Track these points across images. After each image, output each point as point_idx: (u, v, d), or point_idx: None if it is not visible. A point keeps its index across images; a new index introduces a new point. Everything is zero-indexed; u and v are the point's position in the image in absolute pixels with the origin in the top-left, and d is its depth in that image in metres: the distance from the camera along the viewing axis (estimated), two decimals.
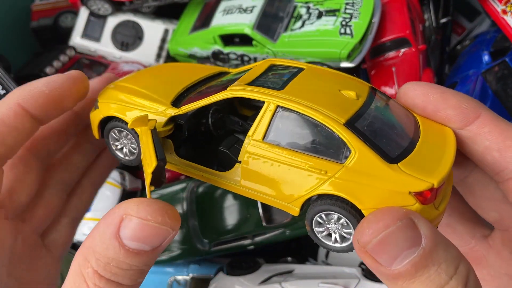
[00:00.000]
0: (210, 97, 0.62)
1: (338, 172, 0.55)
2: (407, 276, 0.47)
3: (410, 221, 0.49)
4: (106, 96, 0.69)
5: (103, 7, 1.38)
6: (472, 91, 1.16)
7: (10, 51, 1.34)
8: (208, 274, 1.22)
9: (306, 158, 0.56)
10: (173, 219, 0.51)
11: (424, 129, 0.60)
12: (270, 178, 0.59)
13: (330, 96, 0.59)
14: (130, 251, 0.50)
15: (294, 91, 0.58)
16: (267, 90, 0.59)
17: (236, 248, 1.20)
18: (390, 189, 0.53)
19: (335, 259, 1.24)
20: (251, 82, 0.62)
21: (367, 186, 0.53)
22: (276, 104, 0.57)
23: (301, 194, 0.58)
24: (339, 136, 0.55)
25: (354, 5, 1.18)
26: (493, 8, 1.21)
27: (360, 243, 0.50)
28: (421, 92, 0.62)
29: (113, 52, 1.43)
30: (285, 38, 1.19)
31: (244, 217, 1.18)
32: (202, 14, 1.36)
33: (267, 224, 1.17)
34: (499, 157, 0.58)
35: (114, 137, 0.69)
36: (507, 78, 1.13)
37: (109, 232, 0.51)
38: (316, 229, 0.60)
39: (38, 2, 1.54)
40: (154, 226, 0.50)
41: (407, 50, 1.21)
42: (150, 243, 0.51)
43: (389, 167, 0.53)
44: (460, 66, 1.30)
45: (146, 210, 0.51)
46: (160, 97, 0.66)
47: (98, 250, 0.51)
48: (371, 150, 0.54)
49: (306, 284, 1.02)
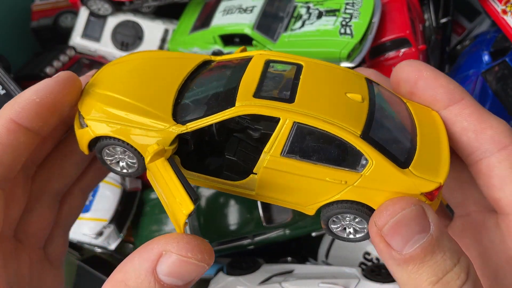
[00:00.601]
0: (218, 115, 0.59)
1: (356, 181, 0.58)
2: (417, 260, 0.51)
3: (421, 208, 0.54)
4: (90, 111, 0.63)
5: (103, 7, 1.38)
6: (472, 91, 1.16)
7: (10, 51, 1.34)
8: (208, 274, 1.22)
9: (324, 169, 0.58)
10: (209, 256, 0.53)
11: (417, 119, 0.63)
12: (287, 188, 0.60)
13: (340, 104, 0.60)
14: (165, 286, 0.51)
15: (305, 102, 0.59)
16: (279, 104, 0.58)
17: (236, 248, 1.20)
18: (404, 192, 0.57)
19: (335, 259, 1.24)
20: (256, 92, 0.60)
21: (383, 191, 0.57)
22: (292, 120, 0.58)
23: (320, 200, 0.61)
24: (356, 148, 0.57)
25: (354, 5, 1.18)
26: (493, 8, 1.21)
27: (378, 225, 0.54)
28: (416, 68, 0.66)
29: (113, 52, 1.42)
30: (285, 38, 1.19)
31: (244, 217, 1.18)
32: (202, 14, 1.36)
33: (267, 224, 1.17)
34: (473, 138, 0.62)
35: (108, 153, 0.66)
36: (507, 78, 1.13)
37: (146, 267, 0.51)
38: (332, 226, 0.64)
39: (38, 2, 1.54)
40: (193, 263, 0.51)
41: (407, 50, 1.21)
42: (186, 279, 0.52)
43: (402, 172, 0.57)
44: (460, 66, 1.30)
45: (186, 247, 0.51)
46: (156, 109, 0.62)
47: (131, 285, 0.51)
48: (386, 158, 0.57)
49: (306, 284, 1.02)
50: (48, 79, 0.64)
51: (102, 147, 0.65)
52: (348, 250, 1.23)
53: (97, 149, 0.65)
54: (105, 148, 0.65)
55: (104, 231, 1.25)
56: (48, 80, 0.63)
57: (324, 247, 1.26)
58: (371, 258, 1.20)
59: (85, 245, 1.29)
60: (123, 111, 0.62)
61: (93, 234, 1.24)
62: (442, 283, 0.51)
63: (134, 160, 0.65)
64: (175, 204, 0.54)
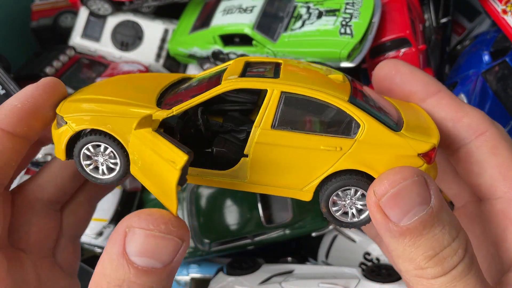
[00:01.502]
0: (204, 94, 0.59)
1: (351, 147, 0.57)
2: (414, 233, 0.50)
3: (423, 179, 0.52)
4: (70, 110, 0.63)
5: (103, 7, 1.38)
6: (472, 91, 1.16)
7: (10, 51, 1.34)
8: (208, 274, 1.22)
9: (319, 138, 0.58)
10: (178, 228, 0.49)
11: (399, 106, 0.65)
12: (282, 166, 0.59)
13: (323, 80, 0.61)
14: (140, 269, 0.48)
15: (290, 78, 0.59)
16: (265, 79, 0.59)
17: (236, 248, 1.20)
18: (400, 154, 0.56)
19: (335, 259, 1.24)
20: (240, 75, 0.61)
21: (379, 154, 0.57)
22: (280, 90, 0.58)
23: (317, 175, 0.59)
24: (346, 112, 0.57)
25: (354, 5, 1.18)
26: (493, 8, 1.20)
27: (377, 194, 0.52)
28: (393, 65, 0.69)
29: (113, 52, 1.42)
30: (285, 38, 1.19)
31: (244, 217, 1.18)
32: (202, 14, 1.36)
33: (267, 224, 1.17)
34: (451, 127, 0.63)
35: (87, 154, 0.63)
36: (507, 78, 1.13)
37: (115, 251, 0.48)
38: (333, 209, 0.62)
39: (38, 2, 1.54)
40: (159, 236, 0.48)
41: (407, 50, 1.21)
42: (159, 258, 0.48)
43: (395, 134, 0.57)
44: (460, 66, 1.30)
45: (147, 219, 0.48)
46: (139, 101, 0.62)
47: (107, 273, 0.48)
48: (377, 121, 0.57)
49: (306, 284, 1.02)
50: (30, 85, 0.65)
51: (81, 146, 0.62)
52: (348, 250, 1.23)
53: (76, 150, 0.63)
54: (84, 148, 0.62)
55: (104, 231, 1.25)
56: (30, 86, 0.64)
57: (324, 247, 1.26)
58: (371, 258, 1.20)
59: (85, 245, 1.29)
60: (105, 104, 0.61)
61: (93, 234, 1.24)
62: (438, 258, 0.49)
63: (116, 160, 0.62)
64: (164, 168, 0.51)
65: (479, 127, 0.62)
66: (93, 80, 1.30)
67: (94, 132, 0.61)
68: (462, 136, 0.63)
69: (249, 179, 0.61)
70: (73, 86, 1.27)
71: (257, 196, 1.17)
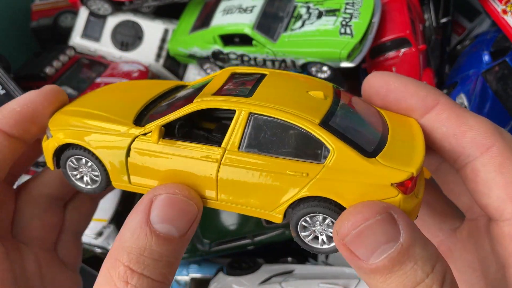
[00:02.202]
0: (176, 112, 0.60)
1: (319, 173, 0.54)
2: (384, 271, 0.48)
3: (389, 215, 0.49)
4: (57, 123, 0.66)
5: (103, 7, 1.38)
6: (472, 91, 1.16)
7: (10, 51, 1.34)
8: (208, 274, 1.22)
9: (285, 162, 0.55)
10: (197, 196, 0.55)
11: (391, 122, 0.61)
12: (249, 188, 0.57)
13: (300, 98, 0.59)
14: (161, 236, 0.51)
15: (263, 96, 0.58)
16: (236, 98, 0.58)
17: (236, 248, 1.20)
18: (371, 183, 0.53)
19: (335, 259, 1.24)
20: (216, 92, 0.60)
21: (348, 182, 0.54)
22: (248, 111, 0.56)
23: (284, 200, 0.57)
24: (316, 137, 0.54)
25: (354, 5, 1.18)
26: (493, 8, 1.21)
27: (339, 235, 0.50)
28: (383, 81, 0.63)
29: (113, 52, 1.42)
30: (285, 38, 1.19)
31: (244, 217, 1.18)
32: (202, 14, 1.36)
33: (267, 224, 1.17)
34: (455, 143, 0.59)
35: (72, 166, 0.66)
36: (507, 78, 1.13)
37: (139, 220, 0.51)
38: (302, 234, 0.59)
39: (38, 2, 1.54)
40: (182, 201, 0.53)
41: (407, 50, 1.21)
42: (179, 224, 0.52)
43: (368, 161, 0.53)
44: (460, 66, 1.30)
45: (173, 186, 0.54)
46: (119, 117, 0.62)
47: (128, 244, 0.51)
48: (348, 146, 0.54)
49: (306, 284, 1.02)
50: (32, 91, 0.69)
51: (66, 159, 0.65)
52: None
53: (62, 161, 0.66)
54: (69, 160, 0.65)
55: (104, 231, 1.25)
56: (32, 92, 0.68)
57: None
58: None
59: (85, 245, 1.29)
60: (85, 119, 0.63)
61: (93, 234, 1.24)
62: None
63: (97, 173, 0.64)
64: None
65: (484, 141, 0.57)
66: (93, 80, 1.29)
67: (76, 146, 0.64)
68: (467, 153, 0.59)
69: (218, 198, 0.59)
70: (73, 86, 1.27)
71: None
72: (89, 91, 1.25)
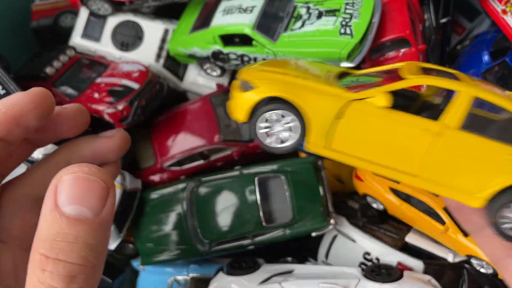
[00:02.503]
0: (399, 83, 0.60)
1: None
2: None
3: None
4: (260, 77, 0.65)
5: (103, 7, 1.38)
6: None
7: (10, 51, 1.33)
8: (208, 274, 1.22)
9: (507, 148, 0.56)
10: (100, 171, 0.51)
11: None
12: (460, 167, 0.58)
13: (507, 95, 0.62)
14: (71, 218, 0.49)
15: (474, 83, 0.59)
16: (454, 81, 0.59)
17: (236, 248, 1.20)
18: None
19: (335, 259, 1.24)
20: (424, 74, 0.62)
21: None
22: (472, 95, 0.57)
23: (494, 184, 0.57)
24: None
25: (354, 5, 1.18)
26: (493, 8, 1.21)
27: None
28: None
29: (113, 52, 1.42)
30: (285, 38, 1.19)
31: (244, 217, 1.18)
32: (202, 14, 1.36)
33: (267, 224, 1.17)
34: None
35: (268, 119, 0.65)
36: (507, 78, 1.13)
37: (48, 208, 0.50)
38: (503, 226, 0.59)
39: (38, 2, 1.54)
40: (84, 178, 0.50)
41: (407, 50, 1.21)
42: (88, 204, 0.50)
43: None
44: (460, 66, 1.30)
45: (73, 166, 0.51)
46: (324, 82, 0.63)
47: (42, 233, 0.49)
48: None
49: (306, 284, 1.02)
50: (19, 92, 0.69)
51: (263, 112, 0.64)
52: (348, 250, 1.23)
53: (257, 115, 0.65)
54: (267, 114, 0.64)
55: None
56: (18, 93, 0.69)
57: (324, 247, 1.26)
58: (371, 258, 1.20)
59: None
60: (293, 78, 0.63)
61: None
62: None
63: (287, 134, 0.64)
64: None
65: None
66: (93, 80, 1.29)
67: (276, 101, 0.63)
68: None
69: (421, 174, 0.60)
70: (73, 86, 1.27)
71: (257, 196, 1.17)
72: (89, 91, 1.26)
